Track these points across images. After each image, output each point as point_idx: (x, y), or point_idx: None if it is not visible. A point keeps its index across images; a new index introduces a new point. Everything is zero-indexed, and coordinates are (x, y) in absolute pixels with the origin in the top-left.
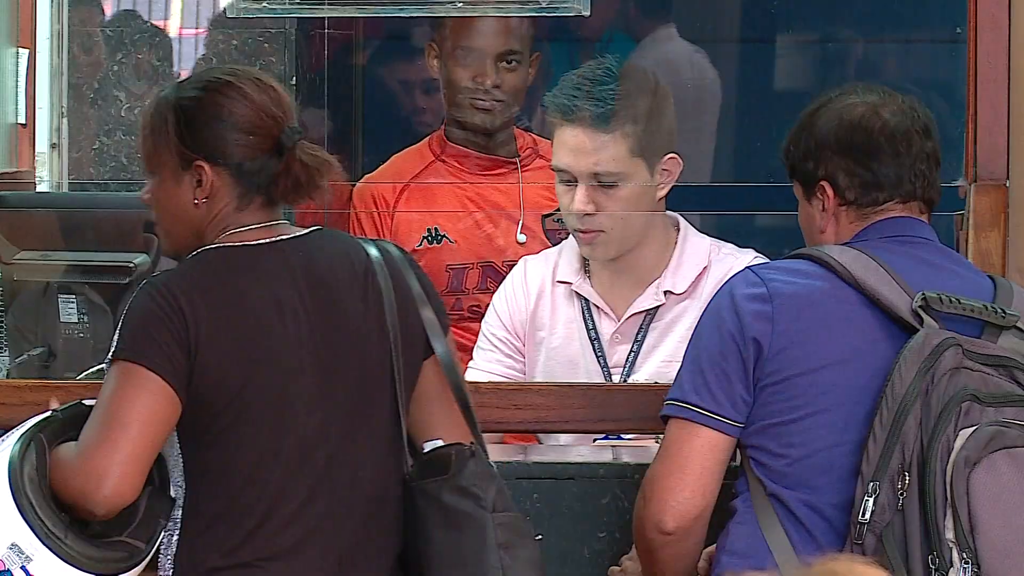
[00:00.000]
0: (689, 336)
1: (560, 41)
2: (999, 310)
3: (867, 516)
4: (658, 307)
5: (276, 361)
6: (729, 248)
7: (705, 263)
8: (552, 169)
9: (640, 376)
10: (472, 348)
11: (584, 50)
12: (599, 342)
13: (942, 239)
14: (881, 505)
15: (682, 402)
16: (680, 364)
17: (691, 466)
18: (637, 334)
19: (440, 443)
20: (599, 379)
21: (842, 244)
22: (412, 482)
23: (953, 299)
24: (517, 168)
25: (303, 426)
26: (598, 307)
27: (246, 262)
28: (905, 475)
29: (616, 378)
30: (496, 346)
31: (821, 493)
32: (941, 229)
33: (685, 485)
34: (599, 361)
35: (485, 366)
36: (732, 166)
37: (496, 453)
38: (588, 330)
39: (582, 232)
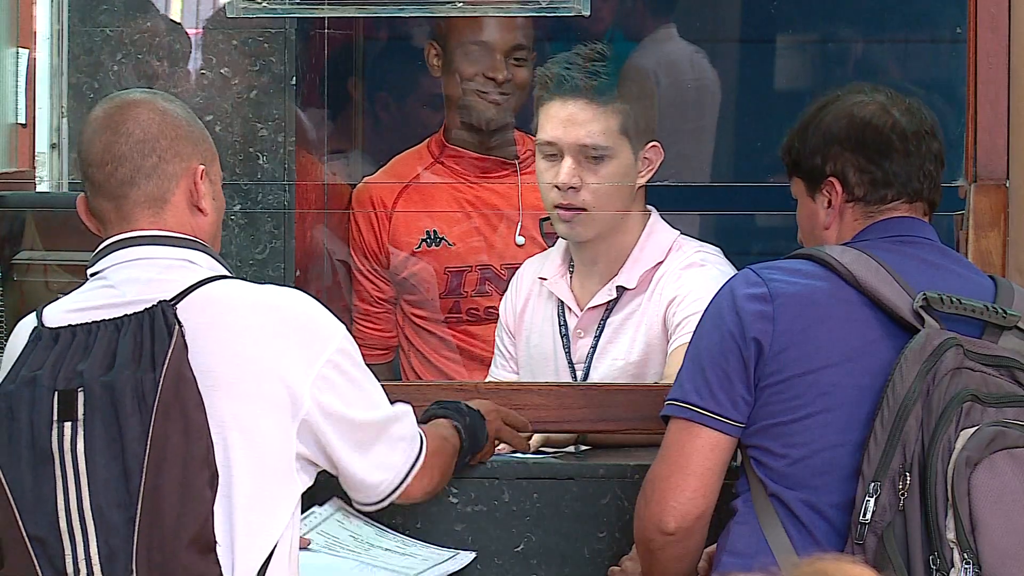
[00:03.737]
0: (641, 335)
1: (560, 41)
2: (1000, 310)
3: (868, 516)
4: (612, 303)
5: None
6: (695, 244)
7: (660, 259)
8: (536, 145)
9: (596, 375)
10: (472, 352)
11: None
12: (568, 338)
13: (942, 239)
14: (882, 505)
15: (683, 402)
16: (680, 364)
17: (692, 466)
18: (596, 329)
19: None
20: (567, 375)
21: (843, 244)
22: None
23: (954, 299)
24: (516, 170)
25: None
26: (566, 303)
27: None
28: (906, 475)
29: (579, 373)
30: (502, 351)
31: (822, 493)
32: (941, 229)
33: (687, 485)
34: (567, 356)
35: (499, 375)
36: (732, 166)
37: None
38: (560, 326)
39: (563, 208)
